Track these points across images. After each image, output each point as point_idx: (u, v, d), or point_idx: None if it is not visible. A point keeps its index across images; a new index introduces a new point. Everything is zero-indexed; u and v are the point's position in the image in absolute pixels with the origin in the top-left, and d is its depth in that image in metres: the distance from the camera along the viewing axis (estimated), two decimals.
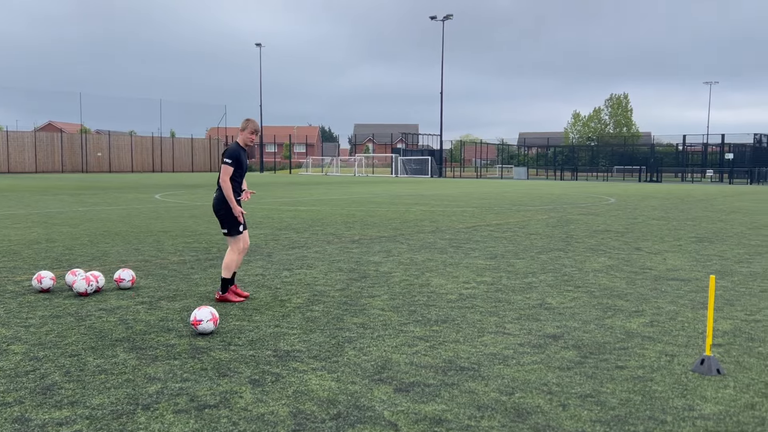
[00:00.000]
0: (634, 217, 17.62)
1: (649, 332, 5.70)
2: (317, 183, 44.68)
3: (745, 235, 13.46)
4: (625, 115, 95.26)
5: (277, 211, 18.60)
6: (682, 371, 4.65)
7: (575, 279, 8.24)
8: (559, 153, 76.77)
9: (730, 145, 60.77)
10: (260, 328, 5.76)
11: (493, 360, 4.89)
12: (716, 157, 62.48)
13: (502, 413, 3.87)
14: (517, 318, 6.20)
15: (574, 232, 13.78)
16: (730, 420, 3.79)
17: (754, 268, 9.19)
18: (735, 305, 6.78)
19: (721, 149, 61.00)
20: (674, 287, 7.73)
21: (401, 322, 5.98)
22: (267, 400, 4.05)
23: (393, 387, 4.29)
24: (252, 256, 9.94)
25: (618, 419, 3.79)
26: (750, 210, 20.90)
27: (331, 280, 7.98)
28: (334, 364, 4.75)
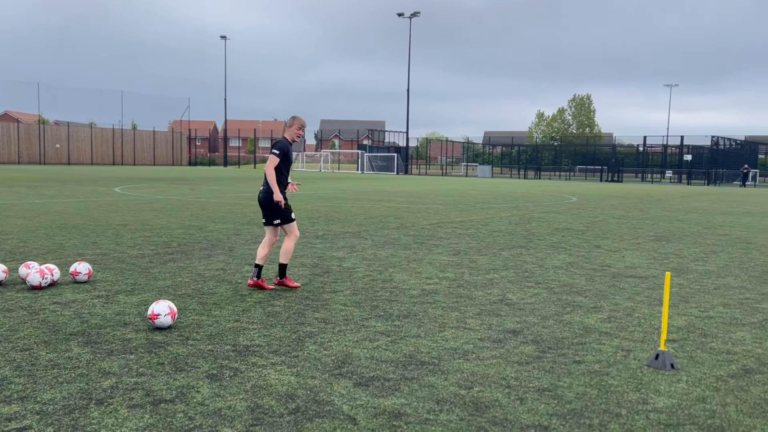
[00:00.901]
0: (595, 216, 17.92)
1: (607, 328, 5.80)
2: None
3: (702, 234, 13.80)
4: (588, 116, 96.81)
5: (240, 206, 18.42)
6: (638, 366, 4.74)
7: (536, 275, 8.33)
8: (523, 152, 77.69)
9: (688, 146, 62.25)
10: (219, 322, 5.69)
11: (453, 354, 4.91)
12: (675, 159, 63.93)
13: (461, 407, 3.89)
14: (477, 313, 6.24)
15: (535, 229, 13.95)
16: (682, 413, 3.88)
17: (709, 266, 9.42)
18: (690, 302, 6.94)
19: (680, 151, 62.44)
20: (632, 284, 7.88)
21: (363, 317, 5.97)
22: (225, 395, 4.00)
23: (353, 381, 4.28)
24: (213, 250, 9.82)
25: (574, 412, 3.84)
26: (706, 210, 21.44)
27: (293, 275, 7.92)
28: (294, 359, 4.72)
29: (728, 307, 6.75)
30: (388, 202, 21.91)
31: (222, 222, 13.86)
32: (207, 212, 16.21)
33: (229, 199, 21.49)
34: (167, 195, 22.84)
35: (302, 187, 31.84)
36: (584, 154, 75.04)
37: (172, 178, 38.90)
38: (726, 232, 14.22)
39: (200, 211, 16.37)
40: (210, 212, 16.23)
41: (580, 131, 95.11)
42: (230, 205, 18.83)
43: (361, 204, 20.50)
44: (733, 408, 3.97)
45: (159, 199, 20.77)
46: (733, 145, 66.17)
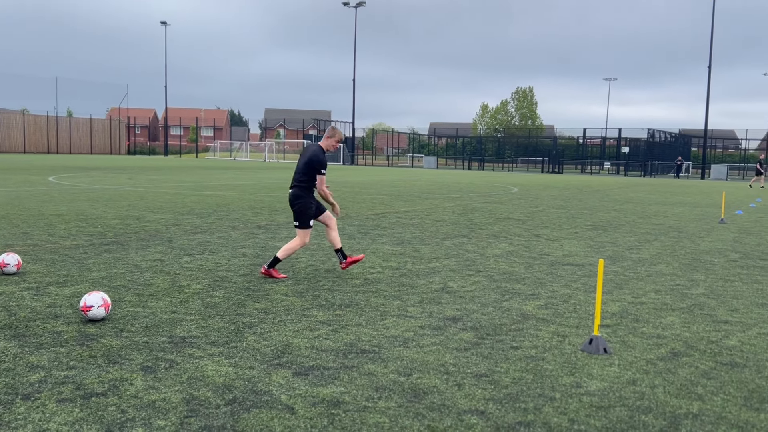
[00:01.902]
0: (535, 206, 18.29)
1: (544, 314, 5.93)
2: (225, 168, 43.65)
3: (636, 223, 14.26)
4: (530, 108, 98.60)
5: (181, 196, 18.02)
6: (572, 351, 4.86)
7: (477, 264, 8.45)
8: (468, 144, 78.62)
9: (626, 139, 64.18)
10: (156, 314, 5.55)
11: (393, 342, 4.93)
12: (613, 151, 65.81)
13: (400, 394, 3.91)
14: (419, 301, 6.28)
15: (478, 219, 14.14)
16: (613, 395, 4.00)
17: (643, 254, 9.74)
18: (623, 289, 7.16)
19: (618, 143, 64.32)
20: (569, 272, 8.08)
21: (304, 307, 5.93)
22: (159, 387, 3.91)
23: (292, 371, 4.25)
24: (151, 241, 9.58)
25: (510, 397, 3.91)
26: (642, 200, 22.16)
27: (234, 266, 7.81)
28: (233, 350, 4.65)
29: (659, 293, 7.00)
30: (333, 192, 21.81)
31: (161, 212, 13.53)
32: (145, 202, 15.80)
33: (169, 188, 21.00)
34: (104, 184, 22.16)
35: (245, 176, 31.40)
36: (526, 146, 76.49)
37: (110, 167, 37.76)
38: (660, 222, 14.74)
39: (138, 201, 15.94)
40: (148, 202, 15.83)
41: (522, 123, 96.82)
42: (170, 194, 18.41)
43: None
44: (661, 390, 4.12)
45: (95, 188, 20.13)
46: (667, 138, 68.55)
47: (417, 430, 3.42)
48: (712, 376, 4.38)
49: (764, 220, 16.03)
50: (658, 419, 3.65)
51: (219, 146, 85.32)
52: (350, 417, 3.56)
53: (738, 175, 61.94)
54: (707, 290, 7.20)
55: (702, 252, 10.11)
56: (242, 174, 34.44)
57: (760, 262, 9.31)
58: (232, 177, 30.55)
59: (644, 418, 3.65)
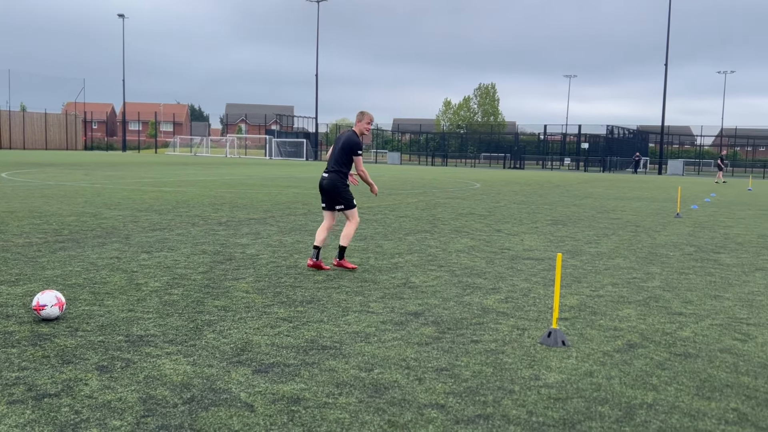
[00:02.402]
0: (497, 202, 18.47)
1: (504, 308, 5.99)
2: (185, 163, 43.01)
3: (595, 218, 14.51)
4: (492, 105, 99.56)
5: (139, 192, 17.70)
6: (531, 344, 4.92)
7: (439, 259, 8.49)
8: (431, 140, 78.96)
9: (586, 135, 65.22)
10: (112, 312, 5.44)
11: (355, 338, 4.93)
12: (573, 147, 66.83)
13: (360, 389, 3.90)
14: (381, 297, 6.28)
15: (440, 215, 14.22)
16: (571, 387, 4.06)
17: (601, 248, 9.92)
18: (582, 282, 7.28)
19: (578, 139, 65.34)
20: (529, 266, 8.18)
21: (265, 304, 5.88)
22: (115, 387, 3.83)
23: (252, 369, 4.21)
24: (108, 238, 9.39)
25: (470, 390, 3.94)
26: (601, 195, 22.57)
27: (193, 263, 7.70)
28: (191, 348, 4.58)
29: (617, 286, 7.13)
30: (296, 188, 21.69)
31: (118, 209, 13.27)
32: (102, 199, 15.47)
33: (127, 185, 20.60)
34: (59, 181, 21.62)
35: (206, 172, 31.01)
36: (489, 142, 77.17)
37: (66, 163, 36.86)
38: (618, 216, 15.02)
39: (95, 198, 15.60)
40: (106, 199, 15.50)
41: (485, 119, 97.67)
42: (128, 191, 18.06)
43: (268, 190, 20.19)
44: (617, 381, 4.20)
45: (50, 185, 19.62)
46: (626, 134, 69.90)
47: (377, 425, 3.42)
48: (667, 367, 4.49)
49: (718, 214, 16.48)
50: (614, 410, 3.72)
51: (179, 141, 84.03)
52: (310, 413, 3.54)
53: (694, 171, 63.53)
54: (663, 283, 7.37)
55: (658, 246, 10.34)
56: (203, 170, 33.97)
57: (713, 255, 9.56)
58: (193, 173, 30.12)
59: (600, 409, 3.72)
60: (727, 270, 8.31)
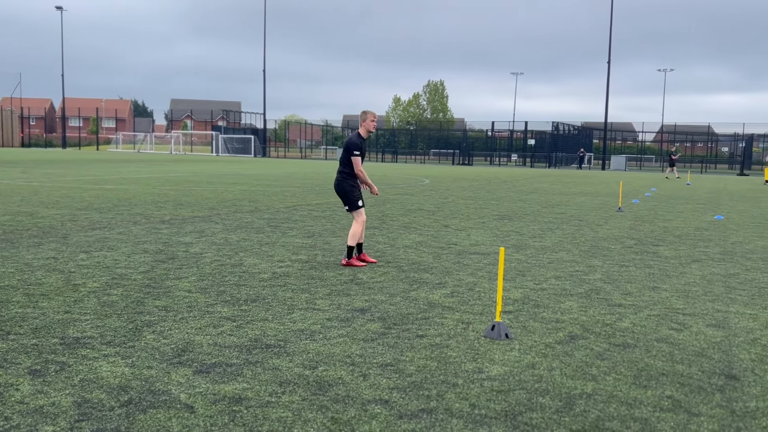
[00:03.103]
0: (446, 197, 18.62)
1: (450, 302, 6.03)
2: (128, 161, 41.94)
3: (540, 213, 14.78)
4: (441, 102, 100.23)
5: (79, 190, 17.16)
6: (476, 337, 4.97)
7: (387, 255, 8.50)
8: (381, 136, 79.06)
9: (532, 132, 66.44)
10: (47, 314, 5.25)
11: (300, 336, 4.88)
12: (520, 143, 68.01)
13: (304, 387, 3.87)
14: (328, 294, 6.25)
15: (389, 211, 14.24)
16: (513, 379, 4.11)
17: (545, 242, 10.11)
18: (526, 276, 7.39)
19: (525, 136, 66.52)
20: (475, 261, 8.26)
21: (208, 303, 5.77)
22: (48, 391, 3.69)
23: (193, 369, 4.12)
24: (44, 238, 9.06)
25: (414, 385, 3.95)
26: (546, 191, 23.01)
27: (134, 263, 7.50)
28: (130, 350, 4.46)
29: (560, 279, 7.27)
30: (243, 185, 21.40)
31: (56, 207, 12.83)
32: (39, 197, 14.93)
33: (67, 182, 19.95)
34: None
35: (149, 169, 30.29)
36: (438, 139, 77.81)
37: (1, 161, 35.45)
38: (562, 211, 15.34)
39: (32, 196, 15.05)
40: (43, 197, 14.97)
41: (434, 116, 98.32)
42: (67, 189, 17.49)
43: (213, 187, 19.85)
44: (558, 372, 4.27)
45: None
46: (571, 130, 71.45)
47: (320, 423, 3.39)
48: (606, 357, 4.59)
49: (658, 208, 17.00)
50: (554, 400, 3.79)
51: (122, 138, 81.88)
52: (252, 413, 3.49)
53: (636, 166, 65.43)
54: (604, 275, 7.55)
55: (600, 239, 10.60)
56: (146, 167, 33.18)
57: (652, 247, 9.85)
58: (136, 170, 29.39)
59: (542, 400, 3.78)
60: (666, 262, 8.58)
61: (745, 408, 3.77)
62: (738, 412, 3.71)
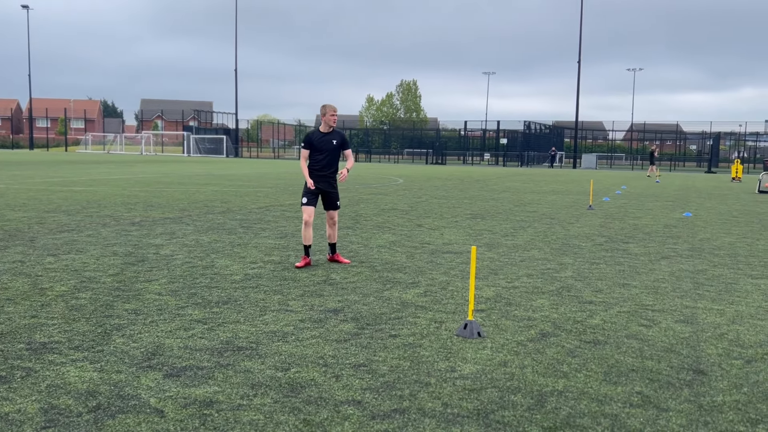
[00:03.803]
0: (419, 197, 18.66)
1: (423, 302, 6.04)
2: (97, 162, 41.29)
3: (513, 211, 14.89)
4: (414, 101, 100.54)
5: (47, 192, 16.85)
6: (448, 336, 4.98)
7: (360, 255, 8.48)
8: (355, 136, 78.99)
9: (504, 131, 66.92)
10: (13, 319, 5.14)
11: (272, 338, 4.85)
12: (493, 142, 68.45)
13: (276, 389, 3.84)
14: (301, 295, 6.22)
15: (363, 211, 14.23)
16: (485, 377, 4.13)
17: (517, 240, 10.18)
18: (498, 274, 7.44)
19: (497, 135, 66.96)
20: (448, 260, 8.29)
21: (179, 306, 5.70)
22: (14, 398, 3.61)
23: (163, 373, 4.06)
24: (10, 241, 8.87)
25: (387, 385, 3.95)
26: (518, 189, 23.19)
27: (103, 265, 7.38)
28: (98, 354, 4.38)
29: (531, 277, 7.33)
30: (214, 185, 21.20)
31: (23, 210, 12.58)
32: (5, 199, 14.62)
33: (34, 184, 19.57)
34: None
35: (119, 171, 29.87)
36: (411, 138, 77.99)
37: None
38: (534, 209, 15.47)
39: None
40: (9, 199, 14.66)
41: (407, 116, 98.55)
42: (34, 191, 17.16)
43: (185, 188, 19.64)
44: (530, 369, 4.30)
45: None
46: (542, 129, 72.17)
47: (292, 425, 3.37)
48: (577, 354, 4.64)
49: (628, 206, 17.24)
50: (526, 398, 3.81)
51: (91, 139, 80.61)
52: (223, 416, 3.45)
53: (606, 164, 66.28)
54: (575, 273, 7.63)
55: (571, 237, 10.71)
56: (116, 168, 32.70)
57: (622, 245, 9.99)
58: (105, 171, 28.95)
59: (513, 398, 3.80)
60: (635, 259, 8.70)
61: (712, 402, 3.84)
62: (705, 406, 3.78)
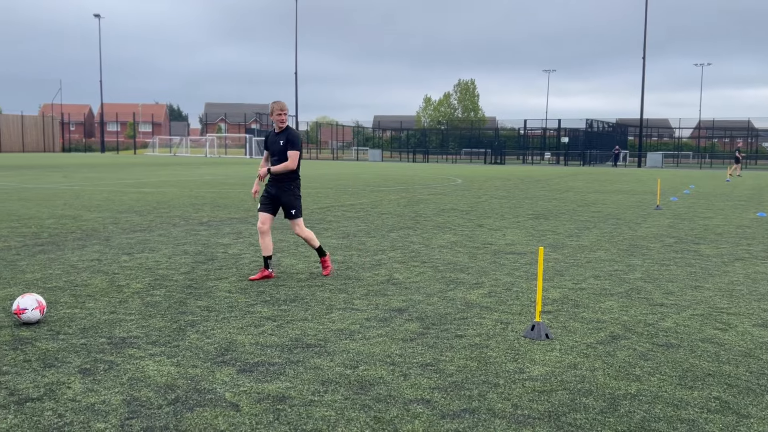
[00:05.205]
0: (479, 197, 18.53)
1: (487, 302, 6.01)
2: (165, 164, 42.65)
3: (576, 211, 14.62)
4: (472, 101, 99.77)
5: (119, 194, 17.52)
6: (515, 337, 4.95)
7: (422, 255, 8.50)
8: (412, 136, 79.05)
9: (565, 129, 65.65)
10: (94, 315, 5.38)
11: (339, 335, 4.92)
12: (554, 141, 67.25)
13: (346, 386, 3.90)
14: (365, 294, 6.28)
15: (423, 211, 14.24)
16: (555, 379, 4.09)
17: (582, 241, 10.00)
18: (564, 275, 7.32)
19: (558, 133, 65.76)
20: (511, 260, 8.22)
21: (249, 303, 5.85)
22: (98, 390, 3.79)
23: (236, 368, 4.19)
24: (88, 240, 9.28)
25: (455, 385, 3.96)
26: (581, 189, 22.73)
27: (175, 264, 7.64)
28: (175, 349, 4.55)
29: (599, 278, 7.19)
30: None
31: (98, 210, 13.12)
32: (81, 201, 15.29)
33: (107, 186, 20.39)
34: (37, 183, 21.34)
35: (186, 172, 30.77)
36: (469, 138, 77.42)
37: (44, 166, 36.39)
38: (598, 209, 15.15)
39: (74, 200, 15.42)
40: (85, 201, 15.33)
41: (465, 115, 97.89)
42: (107, 192, 17.87)
43: (248, 189, 20.07)
44: (601, 372, 4.23)
45: (28, 188, 19.36)
46: (605, 127, 70.48)
47: (363, 422, 3.42)
48: (649, 358, 4.53)
49: (697, 205, 16.68)
50: (598, 401, 3.75)
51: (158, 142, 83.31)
52: (296, 411, 3.53)
53: (672, 163, 64.23)
54: (644, 275, 7.44)
55: (639, 238, 10.44)
56: (183, 170, 33.71)
57: (693, 246, 9.68)
58: (173, 173, 29.87)
59: (585, 401, 3.75)
60: (707, 260, 8.42)
61: None
62: None
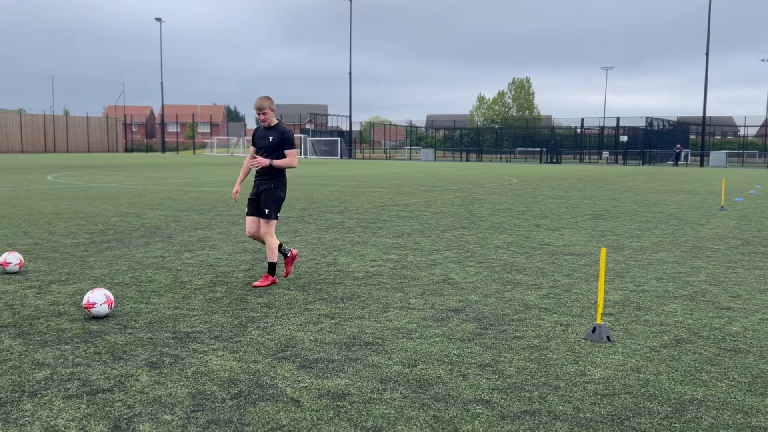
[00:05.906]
0: (535, 197, 18.28)
1: (546, 304, 5.93)
2: (222, 163, 43.59)
3: (636, 212, 14.26)
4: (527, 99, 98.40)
5: (180, 192, 18.01)
6: (576, 339, 4.87)
7: (477, 255, 8.45)
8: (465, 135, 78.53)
9: (624, 128, 64.07)
10: (159, 310, 5.56)
11: (396, 334, 4.94)
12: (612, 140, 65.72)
13: (404, 385, 3.92)
14: (421, 293, 6.29)
15: (477, 210, 14.14)
16: (618, 383, 4.01)
17: (643, 242, 9.75)
18: (625, 277, 7.16)
19: (616, 132, 64.23)
20: (570, 261, 8.08)
21: (307, 301, 5.93)
22: (165, 382, 3.91)
23: (296, 364, 4.26)
24: (151, 238, 9.58)
25: (515, 386, 3.92)
26: (641, 189, 22.16)
27: (235, 261, 7.81)
28: (237, 344, 4.66)
29: (661, 281, 7.00)
30: (331, 186, 21.82)
31: (160, 209, 13.53)
32: (144, 199, 15.79)
33: (168, 185, 20.98)
34: (102, 182, 22.14)
35: None
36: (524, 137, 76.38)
37: (108, 165, 37.72)
38: (659, 210, 14.74)
39: (137, 199, 15.93)
40: (147, 199, 15.82)
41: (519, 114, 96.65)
42: (169, 191, 18.40)
43: (304, 189, 20.35)
44: (666, 376, 4.12)
45: (94, 186, 20.10)
46: (666, 126, 68.48)
47: (423, 420, 3.43)
48: (716, 363, 4.39)
49: (764, 206, 16.04)
50: (663, 406, 3.66)
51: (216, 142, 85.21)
52: (356, 408, 3.57)
53: (737, 162, 61.91)
54: (709, 277, 7.21)
55: (703, 239, 10.12)
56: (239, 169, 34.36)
57: (761, 248, 9.32)
58: (230, 173, 30.51)
59: (649, 405, 3.66)
60: None
61: None
62: None
